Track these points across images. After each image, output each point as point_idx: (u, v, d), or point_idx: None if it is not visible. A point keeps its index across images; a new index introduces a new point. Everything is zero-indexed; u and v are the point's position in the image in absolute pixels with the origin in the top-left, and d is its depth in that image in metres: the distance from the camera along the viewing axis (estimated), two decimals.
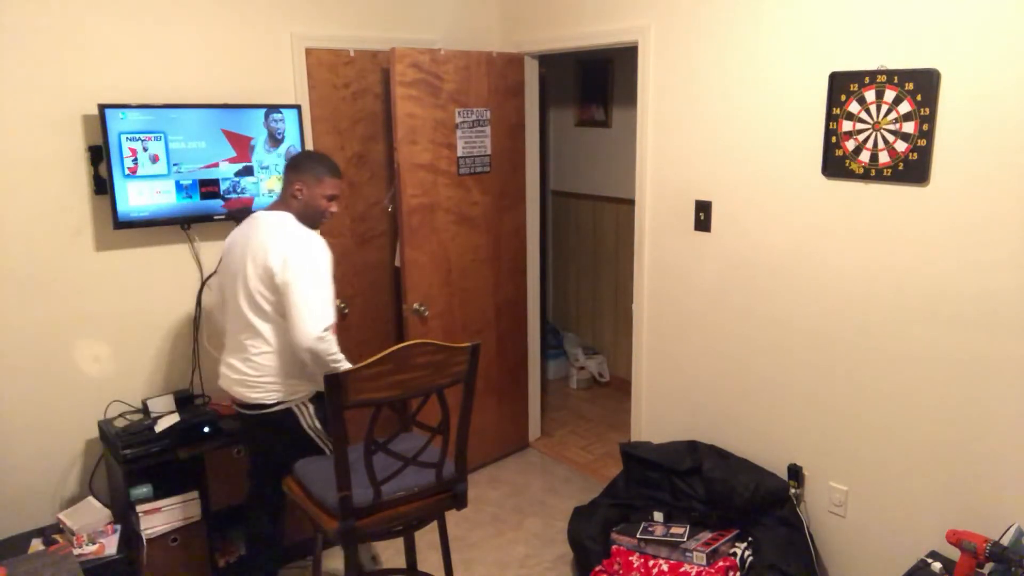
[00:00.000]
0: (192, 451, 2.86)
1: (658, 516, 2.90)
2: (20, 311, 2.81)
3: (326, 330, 2.33)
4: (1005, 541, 2.15)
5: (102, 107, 2.76)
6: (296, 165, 2.55)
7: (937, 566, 2.27)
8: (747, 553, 2.72)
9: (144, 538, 2.77)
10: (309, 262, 2.38)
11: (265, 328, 2.45)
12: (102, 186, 2.88)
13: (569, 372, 5.28)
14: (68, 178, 2.85)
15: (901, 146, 2.40)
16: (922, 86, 2.31)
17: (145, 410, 3.00)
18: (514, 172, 3.92)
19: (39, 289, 2.84)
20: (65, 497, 2.98)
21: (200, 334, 3.22)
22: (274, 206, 2.57)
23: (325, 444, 2.55)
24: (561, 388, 5.22)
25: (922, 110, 2.33)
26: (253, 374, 2.48)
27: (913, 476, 2.53)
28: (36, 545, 2.74)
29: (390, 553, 3.25)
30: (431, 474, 2.27)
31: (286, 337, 2.41)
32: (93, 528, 2.79)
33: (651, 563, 2.72)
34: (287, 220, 2.49)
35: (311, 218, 2.54)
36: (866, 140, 2.48)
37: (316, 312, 2.33)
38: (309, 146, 3.36)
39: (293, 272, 2.35)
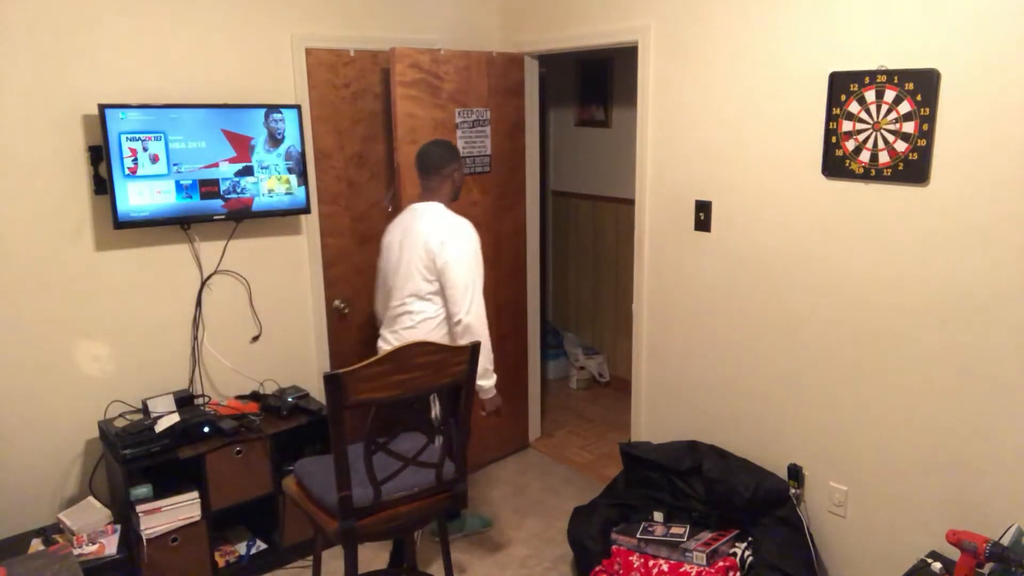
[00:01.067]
0: (192, 451, 2.86)
1: (658, 516, 2.90)
2: (20, 311, 2.81)
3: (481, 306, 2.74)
4: (1005, 541, 2.15)
5: (102, 107, 2.76)
6: (443, 158, 2.87)
7: (937, 566, 2.27)
8: (747, 553, 2.72)
9: (144, 538, 2.77)
10: (466, 245, 2.75)
11: (417, 306, 2.81)
12: (102, 186, 2.88)
13: (569, 372, 5.28)
14: (68, 178, 2.85)
15: (901, 146, 2.40)
16: (922, 86, 2.32)
17: (145, 410, 3.00)
18: (514, 172, 3.92)
19: (39, 289, 2.84)
20: (65, 497, 2.98)
21: (200, 334, 3.22)
22: (427, 198, 2.89)
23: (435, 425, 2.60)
24: (561, 388, 5.22)
25: (922, 110, 2.33)
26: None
27: (913, 476, 2.53)
28: (36, 545, 2.74)
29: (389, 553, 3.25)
30: (431, 474, 2.27)
31: (439, 315, 2.80)
32: (93, 528, 2.79)
33: (651, 563, 2.72)
34: (441, 209, 2.85)
35: (457, 193, 2.94)
36: (866, 140, 2.48)
37: (471, 289, 2.73)
38: (309, 146, 3.36)
39: (451, 254, 2.72)
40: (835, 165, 2.58)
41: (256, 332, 3.39)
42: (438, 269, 2.73)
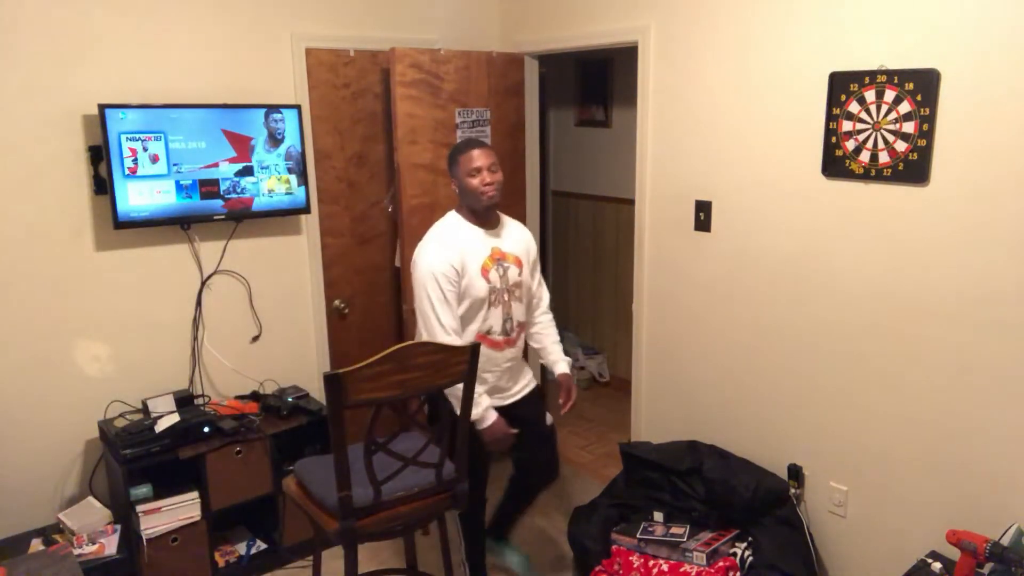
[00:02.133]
0: (192, 451, 2.86)
1: (658, 516, 2.90)
2: (20, 311, 2.81)
3: (449, 333, 2.46)
4: (1005, 541, 2.15)
5: (102, 107, 2.76)
6: (447, 164, 2.64)
7: (937, 566, 2.28)
8: (747, 553, 2.72)
9: (144, 538, 2.77)
10: (418, 268, 2.51)
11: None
12: (102, 186, 2.88)
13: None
14: (68, 178, 2.85)
15: (901, 146, 2.40)
16: (922, 86, 2.32)
17: (145, 410, 3.00)
18: (514, 172, 3.91)
19: (39, 289, 2.84)
20: (65, 497, 2.99)
21: (200, 334, 3.22)
22: None
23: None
24: None
25: (922, 110, 2.33)
26: None
27: (913, 476, 2.53)
28: (36, 545, 2.74)
29: (390, 553, 3.25)
30: (431, 474, 2.27)
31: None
32: (93, 528, 2.79)
33: (651, 563, 2.72)
34: (445, 217, 2.64)
35: (472, 202, 2.57)
36: (866, 140, 2.48)
37: (421, 316, 2.50)
38: (309, 146, 3.36)
39: (413, 275, 2.56)
40: (835, 165, 2.58)
41: (256, 332, 3.39)
42: None
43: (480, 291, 2.54)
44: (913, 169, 2.37)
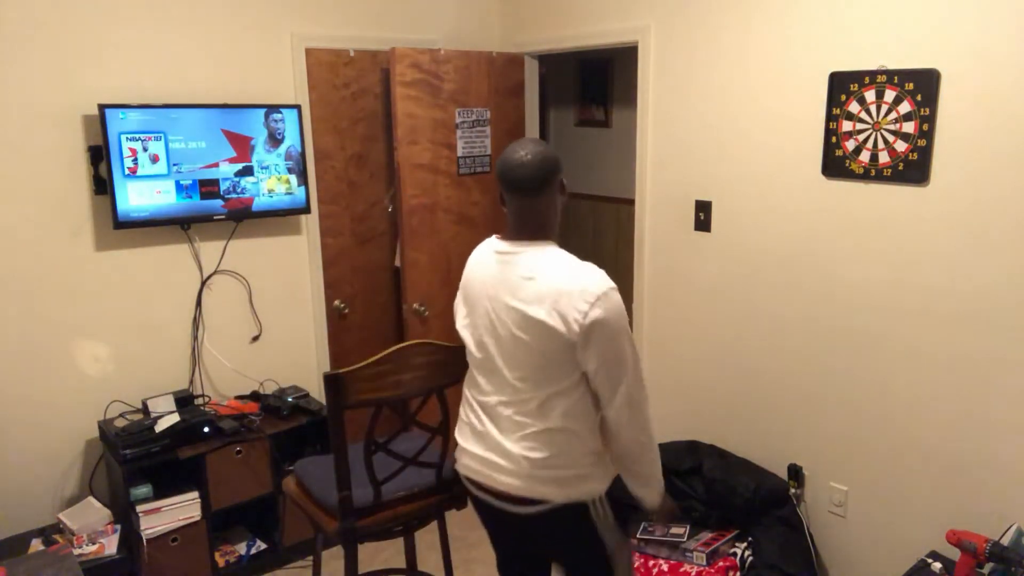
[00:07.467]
0: (192, 451, 2.86)
1: None
2: (20, 311, 2.81)
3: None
4: (1005, 541, 2.16)
5: (102, 107, 2.76)
6: (551, 176, 1.96)
7: (937, 566, 2.28)
8: (747, 553, 2.72)
9: (144, 538, 2.77)
10: (610, 308, 1.84)
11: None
12: (102, 186, 2.88)
13: None
14: (68, 178, 2.85)
15: (901, 146, 2.40)
16: (922, 86, 2.32)
17: (145, 410, 3.00)
18: None
19: (39, 289, 2.84)
20: (65, 497, 2.99)
21: (200, 334, 3.22)
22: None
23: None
24: None
25: (922, 110, 2.33)
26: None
27: (913, 476, 2.53)
28: (36, 545, 2.74)
29: (390, 553, 3.25)
30: (431, 474, 2.27)
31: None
32: (93, 528, 2.79)
33: (651, 563, 2.72)
34: (560, 251, 2.02)
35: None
36: (866, 140, 2.48)
37: (623, 366, 1.85)
38: (309, 146, 3.36)
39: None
40: (835, 165, 2.58)
41: (256, 332, 3.39)
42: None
43: None
44: (913, 169, 2.38)
